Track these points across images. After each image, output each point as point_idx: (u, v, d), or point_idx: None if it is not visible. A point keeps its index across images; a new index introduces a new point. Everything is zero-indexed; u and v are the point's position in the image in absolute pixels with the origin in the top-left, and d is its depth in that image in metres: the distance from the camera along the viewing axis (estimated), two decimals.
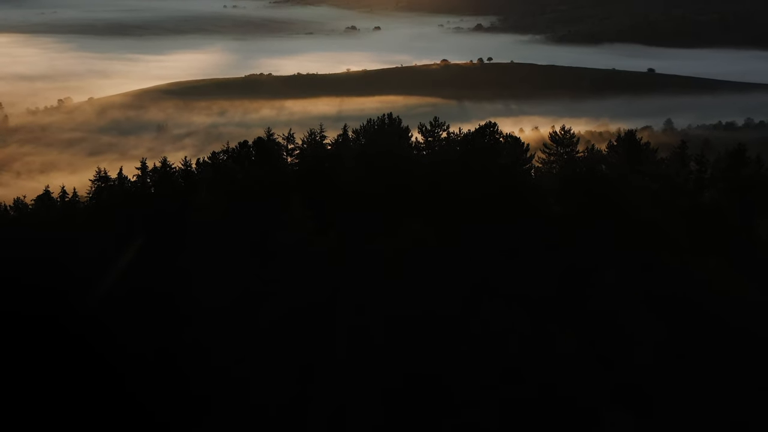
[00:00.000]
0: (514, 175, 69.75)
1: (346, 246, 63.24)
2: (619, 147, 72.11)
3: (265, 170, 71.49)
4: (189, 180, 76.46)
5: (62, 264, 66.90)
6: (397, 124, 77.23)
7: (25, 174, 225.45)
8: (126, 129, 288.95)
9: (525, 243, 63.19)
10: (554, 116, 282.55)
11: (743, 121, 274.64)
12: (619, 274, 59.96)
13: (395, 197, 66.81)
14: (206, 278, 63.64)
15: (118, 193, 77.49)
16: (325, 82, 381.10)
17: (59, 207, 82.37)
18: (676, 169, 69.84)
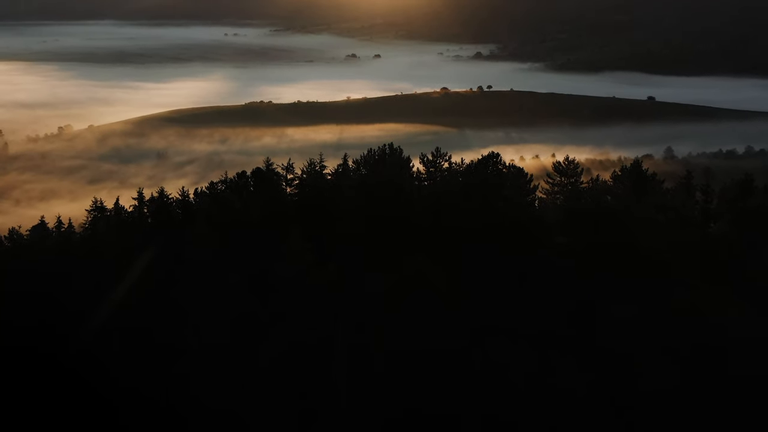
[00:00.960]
0: (518, 206, 68.38)
1: (346, 279, 61.79)
2: (625, 178, 70.89)
3: (263, 201, 70.22)
4: (186, 210, 75.33)
5: (56, 298, 65.42)
6: (398, 154, 76.05)
7: (24, 202, 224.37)
8: (127, 157, 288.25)
9: (530, 277, 61.74)
10: (555, 144, 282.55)
11: (744, 149, 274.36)
12: (629, 309, 58.36)
13: (396, 229, 65.40)
14: (203, 312, 62.12)
15: (114, 224, 76.17)
16: (326, 109, 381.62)
17: (55, 237, 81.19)
18: (682, 200, 68.63)
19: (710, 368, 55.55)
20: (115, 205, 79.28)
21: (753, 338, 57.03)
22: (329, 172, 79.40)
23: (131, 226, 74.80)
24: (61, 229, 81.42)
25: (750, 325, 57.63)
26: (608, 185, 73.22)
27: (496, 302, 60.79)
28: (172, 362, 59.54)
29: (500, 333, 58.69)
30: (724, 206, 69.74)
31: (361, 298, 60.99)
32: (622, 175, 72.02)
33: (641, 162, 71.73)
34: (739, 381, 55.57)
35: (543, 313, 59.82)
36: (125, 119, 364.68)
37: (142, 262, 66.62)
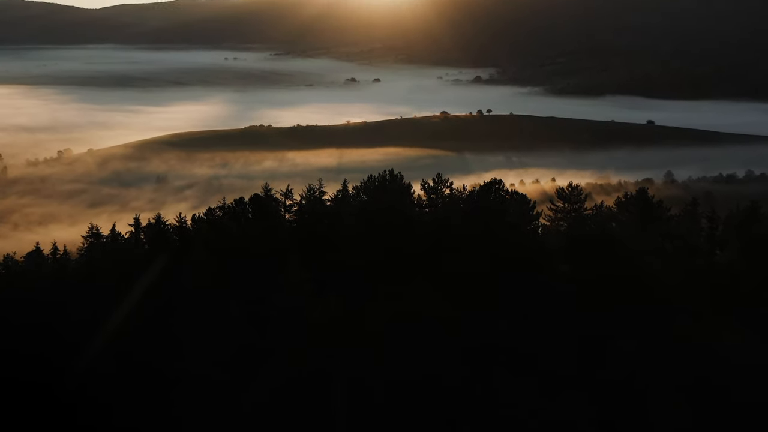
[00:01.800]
0: (521, 234, 67.08)
1: (346, 309, 60.38)
2: (630, 204, 69.66)
3: (261, 229, 68.94)
4: (183, 237, 74.11)
5: (50, 327, 63.96)
6: (398, 180, 74.90)
7: (23, 226, 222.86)
8: (127, 180, 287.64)
9: (534, 307, 60.36)
10: (555, 168, 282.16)
11: (744, 173, 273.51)
12: (635, 342, 56.90)
13: (397, 258, 64.07)
14: (199, 343, 60.51)
15: (110, 251, 74.91)
16: (326, 133, 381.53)
17: (50, 264, 79.96)
18: (688, 228, 67.41)
19: (717, 404, 53.96)
20: (111, 232, 78.23)
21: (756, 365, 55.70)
22: (329, 197, 78.38)
23: (127, 253, 73.61)
24: (57, 256, 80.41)
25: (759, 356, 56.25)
26: (612, 212, 72.01)
27: (498, 333, 59.38)
28: (167, 394, 58.01)
29: (502, 364, 57.25)
30: (730, 234, 68.57)
31: (360, 329, 59.58)
32: (627, 202, 70.84)
33: (647, 190, 70.19)
34: (744, 408, 54.24)
35: (546, 344, 58.34)
36: (125, 143, 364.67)
37: (137, 291, 65.27)
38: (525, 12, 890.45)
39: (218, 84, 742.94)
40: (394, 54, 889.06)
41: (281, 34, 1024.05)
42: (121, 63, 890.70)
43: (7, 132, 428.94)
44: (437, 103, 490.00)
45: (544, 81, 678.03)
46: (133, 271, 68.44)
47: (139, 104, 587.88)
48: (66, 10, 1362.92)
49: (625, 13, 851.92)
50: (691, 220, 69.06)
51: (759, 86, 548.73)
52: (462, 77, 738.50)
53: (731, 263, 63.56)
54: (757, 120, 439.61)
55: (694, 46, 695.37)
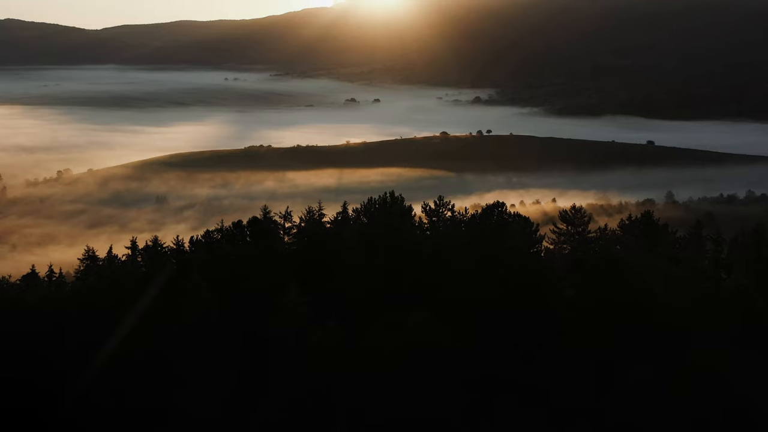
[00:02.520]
0: (524, 258, 65.77)
1: (346, 337, 59.01)
2: (635, 227, 68.47)
3: (260, 253, 67.70)
4: (181, 260, 72.89)
5: (43, 355, 62.49)
6: (399, 202, 73.68)
7: (21, 247, 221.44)
8: (127, 201, 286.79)
9: (539, 333, 58.91)
10: (555, 189, 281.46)
11: (745, 193, 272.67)
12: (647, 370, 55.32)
13: (398, 283, 62.76)
14: (196, 371, 59.08)
15: (107, 275, 73.66)
16: (326, 154, 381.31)
17: (45, 287, 78.70)
18: (694, 251, 66.21)
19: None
20: (108, 255, 77.14)
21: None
22: (329, 219, 77.30)
23: (124, 277, 72.36)
24: (53, 278, 79.21)
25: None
26: (617, 234, 70.78)
27: (502, 360, 57.93)
28: (163, 424, 56.54)
29: (507, 393, 55.77)
30: (736, 257, 67.39)
31: (360, 357, 58.18)
32: (632, 225, 69.68)
33: (652, 213, 69.04)
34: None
35: (553, 372, 56.89)
36: (125, 163, 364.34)
37: (133, 317, 63.96)
38: (524, 33, 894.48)
39: (219, 104, 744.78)
40: (393, 74, 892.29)
41: (282, 55, 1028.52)
42: (121, 83, 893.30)
43: (7, 152, 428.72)
44: (437, 123, 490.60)
45: (544, 101, 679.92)
46: (129, 296, 67.12)
47: (139, 124, 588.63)
48: (67, 30, 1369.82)
49: (624, 33, 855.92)
50: (696, 243, 68.09)
51: (758, 107, 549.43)
52: (461, 97, 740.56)
53: (740, 288, 62.12)
54: (758, 140, 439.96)
55: (694, 66, 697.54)
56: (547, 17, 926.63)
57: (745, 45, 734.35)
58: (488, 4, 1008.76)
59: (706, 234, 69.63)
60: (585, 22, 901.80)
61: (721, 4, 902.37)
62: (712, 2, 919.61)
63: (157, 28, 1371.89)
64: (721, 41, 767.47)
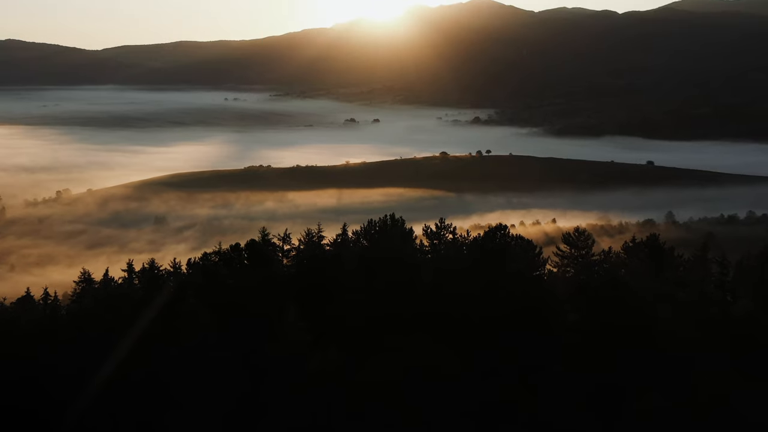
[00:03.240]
0: (527, 282, 64.67)
1: (346, 362, 57.88)
2: (640, 251, 67.37)
3: (258, 276, 66.65)
4: (178, 284, 71.72)
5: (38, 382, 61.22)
6: (399, 225, 72.78)
7: (20, 267, 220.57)
8: (126, 221, 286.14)
9: (542, 357, 57.75)
10: (555, 209, 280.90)
11: (745, 213, 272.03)
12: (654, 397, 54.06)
13: (399, 307, 61.66)
14: (193, 397, 57.93)
15: (102, 298, 72.55)
16: (325, 174, 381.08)
17: (41, 309, 77.65)
18: (700, 274, 65.10)
19: None
20: (103, 277, 76.11)
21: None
22: (328, 242, 76.33)
23: (120, 300, 71.21)
24: (48, 301, 78.15)
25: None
26: (621, 257, 69.71)
27: (506, 387, 56.75)
28: None
29: (511, 422, 54.54)
30: (742, 280, 66.25)
31: (360, 383, 57.01)
32: (636, 248, 68.60)
33: (657, 236, 67.99)
34: None
35: (556, 397, 55.69)
36: (125, 183, 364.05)
37: (129, 342, 62.79)
38: (523, 53, 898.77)
39: (218, 124, 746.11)
40: (393, 95, 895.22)
41: (281, 75, 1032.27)
42: (121, 103, 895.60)
43: (7, 172, 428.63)
44: (436, 143, 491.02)
45: (543, 121, 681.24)
46: (125, 320, 65.99)
47: (139, 144, 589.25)
48: (67, 51, 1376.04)
49: (622, 54, 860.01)
50: (701, 265, 67.02)
51: (757, 127, 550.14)
52: (461, 117, 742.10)
53: (749, 312, 60.88)
54: (757, 160, 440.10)
55: (693, 87, 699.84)
56: (547, 37, 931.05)
57: (744, 65, 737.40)
58: (487, 24, 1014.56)
59: (712, 256, 68.61)
60: (584, 42, 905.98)
61: (718, 24, 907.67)
62: (708, 22, 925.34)
63: (157, 49, 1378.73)
64: (718, 61, 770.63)
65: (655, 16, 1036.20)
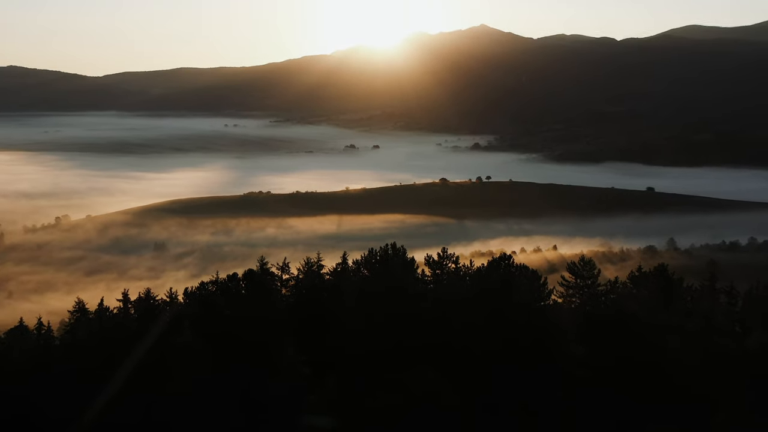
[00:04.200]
0: (532, 314, 63.10)
1: (346, 397, 56.27)
2: (649, 282, 65.82)
3: (256, 307, 65.12)
4: (174, 316, 70.07)
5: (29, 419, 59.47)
6: (401, 254, 71.33)
7: (18, 294, 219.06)
8: (126, 247, 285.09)
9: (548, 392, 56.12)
10: (556, 236, 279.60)
11: (747, 240, 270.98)
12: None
13: (401, 340, 60.10)
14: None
15: (96, 330, 70.93)
16: (325, 200, 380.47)
17: (34, 339, 75.98)
18: (708, 304, 63.55)
19: None
20: (98, 307, 74.51)
21: None
22: (328, 271, 74.87)
23: (114, 332, 69.57)
24: (42, 331, 76.49)
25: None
26: (628, 288, 68.11)
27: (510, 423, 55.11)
28: None
29: None
30: (753, 311, 64.67)
31: (361, 419, 55.37)
32: (642, 277, 66.98)
33: (666, 267, 66.47)
34: None
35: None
36: (125, 209, 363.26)
37: (123, 376, 61.11)
38: (522, 79, 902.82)
39: (218, 150, 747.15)
40: (392, 121, 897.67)
41: (281, 102, 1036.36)
42: (122, 129, 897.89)
43: (7, 198, 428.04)
44: (436, 169, 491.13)
45: (543, 147, 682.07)
46: (119, 354, 64.33)
47: (139, 170, 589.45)
48: (69, 77, 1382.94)
49: (622, 80, 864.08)
50: (710, 295, 65.55)
51: (755, 153, 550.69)
52: (460, 144, 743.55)
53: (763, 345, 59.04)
54: (758, 187, 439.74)
55: (692, 113, 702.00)
56: (546, 64, 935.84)
57: (744, 91, 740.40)
58: (486, 51, 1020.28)
59: (720, 286, 67.12)
60: (584, 68, 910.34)
61: (716, 51, 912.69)
62: (707, 50, 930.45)
63: (158, 75, 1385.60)
64: (717, 88, 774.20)
65: (653, 43, 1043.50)
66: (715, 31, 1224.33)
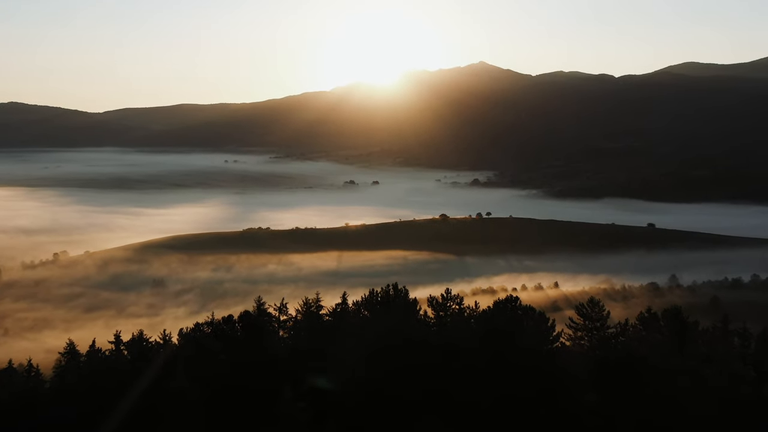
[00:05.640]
0: (540, 358, 60.62)
1: None
2: (659, 323, 63.43)
3: (251, 351, 62.70)
4: (167, 356, 67.63)
5: None
6: (403, 296, 68.89)
7: (14, 332, 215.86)
8: (126, 284, 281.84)
9: None
10: (557, 272, 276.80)
11: (749, 277, 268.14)
12: None
13: (404, 386, 57.60)
14: None
15: (87, 374, 68.35)
16: (325, 236, 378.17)
17: (23, 382, 73.36)
18: (725, 350, 61.06)
19: None
20: (90, 348, 71.86)
21: None
22: (327, 311, 72.46)
23: (105, 375, 66.97)
24: (31, 373, 73.90)
25: None
26: (639, 330, 65.62)
27: None
28: None
29: None
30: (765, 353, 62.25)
31: None
32: (652, 318, 64.53)
33: (680, 309, 64.17)
34: None
35: None
36: (125, 245, 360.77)
37: (113, 422, 58.60)
38: (521, 116, 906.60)
39: (219, 186, 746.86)
40: (392, 157, 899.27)
41: (281, 138, 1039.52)
42: (122, 165, 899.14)
43: (7, 234, 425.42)
44: (436, 205, 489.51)
45: (542, 183, 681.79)
46: (110, 399, 61.81)
47: (139, 206, 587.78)
48: (69, 113, 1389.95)
49: (621, 116, 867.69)
50: (723, 338, 63.09)
51: (754, 189, 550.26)
52: (460, 180, 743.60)
53: None
54: (759, 223, 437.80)
55: (691, 149, 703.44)
56: (545, 101, 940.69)
57: (740, 128, 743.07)
58: (485, 88, 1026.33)
59: (733, 328, 64.75)
60: (583, 105, 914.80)
61: (714, 88, 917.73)
62: (704, 86, 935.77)
63: (158, 111, 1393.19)
64: (715, 125, 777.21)
65: (652, 79, 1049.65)
66: (713, 68, 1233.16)
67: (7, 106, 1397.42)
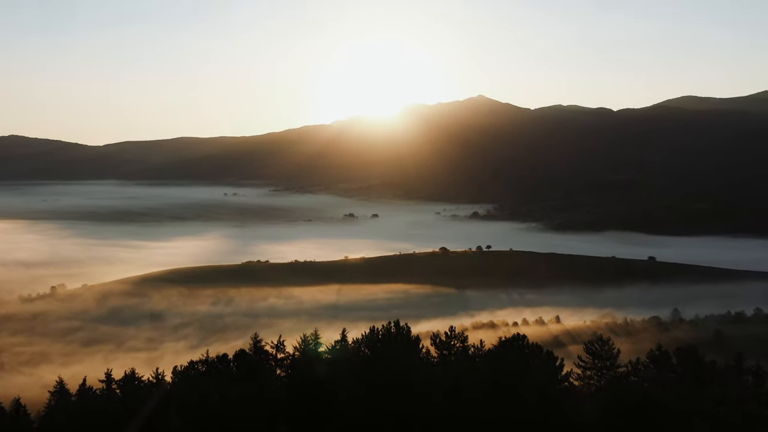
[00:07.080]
0: (549, 400, 58.28)
1: None
2: (679, 366, 61.12)
3: (247, 391, 60.46)
4: (160, 396, 65.34)
5: None
6: (405, 333, 66.61)
7: (10, 366, 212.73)
8: (125, 318, 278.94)
9: None
10: (558, 306, 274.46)
11: (752, 310, 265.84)
12: None
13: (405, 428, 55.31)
14: None
15: (76, 414, 66.04)
16: (325, 269, 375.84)
17: (11, 421, 70.82)
18: (740, 390, 58.85)
19: None
20: (80, 387, 69.52)
21: None
22: (326, 349, 70.21)
23: (95, 415, 64.60)
24: (19, 412, 71.44)
25: None
26: (651, 369, 63.30)
27: None
28: None
29: None
30: None
31: None
32: (663, 356, 62.30)
33: (696, 348, 62.00)
34: None
35: None
36: (123, 278, 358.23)
37: None
38: (520, 149, 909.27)
39: (218, 219, 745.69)
40: (391, 190, 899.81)
41: (281, 171, 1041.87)
42: (122, 198, 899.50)
43: (5, 267, 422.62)
44: (435, 238, 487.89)
45: (542, 216, 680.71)
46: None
47: (139, 239, 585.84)
48: (69, 147, 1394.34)
49: (620, 150, 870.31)
50: (737, 377, 60.85)
51: (755, 222, 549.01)
52: (459, 212, 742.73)
53: None
54: (759, 256, 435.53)
55: (690, 183, 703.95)
56: (544, 134, 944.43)
57: (739, 162, 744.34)
58: (484, 122, 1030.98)
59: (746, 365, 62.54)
60: (582, 138, 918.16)
61: (713, 121, 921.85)
62: (703, 120, 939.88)
63: (158, 144, 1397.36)
64: (714, 158, 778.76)
65: (650, 113, 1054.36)
66: (711, 101, 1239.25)
67: (8, 140, 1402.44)
